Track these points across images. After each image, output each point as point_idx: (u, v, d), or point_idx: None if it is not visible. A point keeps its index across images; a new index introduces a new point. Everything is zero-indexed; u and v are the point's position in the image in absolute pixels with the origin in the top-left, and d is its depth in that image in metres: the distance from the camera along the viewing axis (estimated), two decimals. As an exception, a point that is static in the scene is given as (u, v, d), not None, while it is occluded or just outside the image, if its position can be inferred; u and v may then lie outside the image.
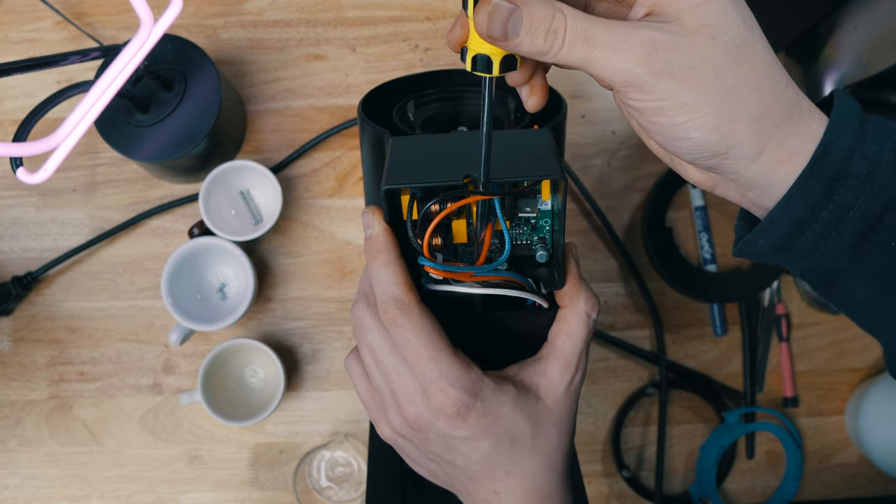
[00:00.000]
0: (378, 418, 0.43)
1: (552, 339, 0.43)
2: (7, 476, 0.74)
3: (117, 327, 0.75)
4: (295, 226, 0.77)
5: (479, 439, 0.40)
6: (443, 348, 0.39)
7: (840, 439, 0.78)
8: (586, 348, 0.43)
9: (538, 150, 0.40)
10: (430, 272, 0.39)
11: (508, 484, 0.41)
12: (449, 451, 0.41)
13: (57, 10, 0.77)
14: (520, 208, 0.40)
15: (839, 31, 0.73)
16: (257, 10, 0.78)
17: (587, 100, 0.79)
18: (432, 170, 0.39)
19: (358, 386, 0.44)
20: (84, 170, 0.76)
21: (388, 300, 0.40)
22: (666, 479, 0.77)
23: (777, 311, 0.78)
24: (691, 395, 0.78)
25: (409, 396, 0.40)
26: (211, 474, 0.75)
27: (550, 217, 0.41)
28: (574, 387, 0.42)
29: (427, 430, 0.41)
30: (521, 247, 0.42)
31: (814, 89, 0.75)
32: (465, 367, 0.39)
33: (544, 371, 0.42)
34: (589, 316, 0.42)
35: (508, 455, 0.41)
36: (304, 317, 0.76)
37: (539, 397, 0.42)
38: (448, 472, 0.43)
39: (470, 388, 0.39)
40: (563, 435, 0.42)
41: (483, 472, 0.41)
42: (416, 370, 0.39)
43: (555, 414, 0.42)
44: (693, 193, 0.78)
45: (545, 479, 0.42)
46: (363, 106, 0.47)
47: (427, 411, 0.40)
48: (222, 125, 0.70)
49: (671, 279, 0.76)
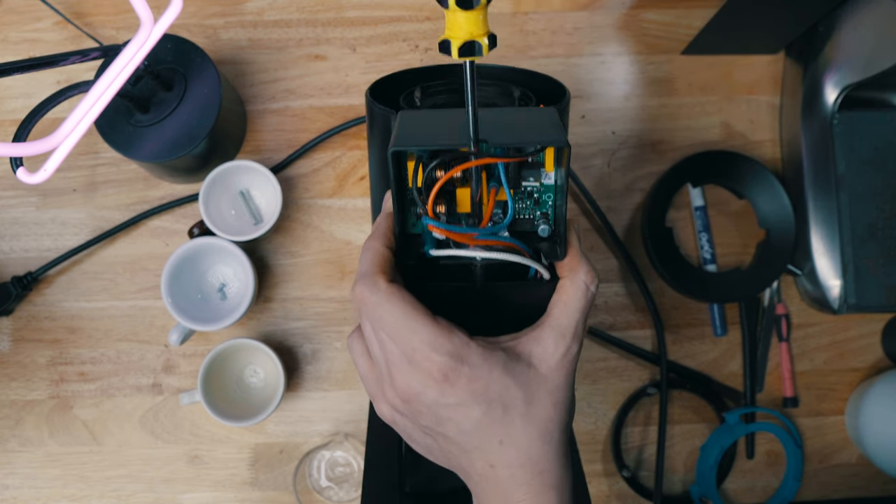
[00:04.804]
0: (376, 395, 0.43)
1: (549, 309, 0.42)
2: (7, 476, 0.74)
3: (117, 327, 0.75)
4: (295, 226, 0.77)
5: (470, 406, 0.40)
6: (419, 318, 0.39)
7: (840, 439, 0.78)
8: (584, 320, 0.42)
9: (544, 122, 0.41)
10: (434, 231, 0.40)
11: (503, 455, 0.41)
12: (440, 423, 0.41)
13: (57, 10, 0.77)
14: (523, 178, 0.41)
15: (839, 31, 0.73)
16: (257, 10, 0.78)
17: (587, 100, 0.79)
18: (439, 135, 0.40)
19: (359, 364, 0.44)
20: (84, 170, 0.76)
21: (358, 279, 0.41)
22: (666, 479, 0.77)
23: (777, 311, 0.78)
24: (691, 395, 0.78)
25: (398, 367, 0.40)
26: (211, 474, 0.75)
27: (553, 191, 0.41)
28: (570, 357, 0.42)
29: (418, 402, 0.40)
30: (523, 221, 0.42)
31: (814, 89, 0.75)
32: (448, 333, 0.39)
33: (538, 338, 0.41)
34: (588, 287, 0.42)
35: (501, 423, 0.40)
36: (304, 317, 0.76)
37: (531, 364, 0.41)
38: (444, 448, 0.42)
39: (454, 353, 0.39)
40: (558, 406, 0.41)
41: (476, 443, 0.41)
42: (399, 343, 0.40)
43: (549, 382, 0.41)
44: (693, 193, 0.78)
45: (541, 450, 0.41)
46: (371, 91, 0.48)
47: (414, 381, 0.40)
48: (222, 125, 0.70)
49: (671, 279, 0.76)
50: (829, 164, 0.74)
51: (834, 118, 0.74)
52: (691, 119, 0.80)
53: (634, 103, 0.80)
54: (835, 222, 0.74)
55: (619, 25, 0.80)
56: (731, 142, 0.80)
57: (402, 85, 0.51)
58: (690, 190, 0.79)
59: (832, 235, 0.74)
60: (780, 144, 0.80)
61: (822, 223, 0.74)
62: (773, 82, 0.80)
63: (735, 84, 0.80)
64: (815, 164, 0.75)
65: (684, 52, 0.80)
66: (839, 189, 0.74)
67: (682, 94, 0.80)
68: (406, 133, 0.40)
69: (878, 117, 0.75)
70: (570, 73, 0.79)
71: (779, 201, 0.77)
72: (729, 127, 0.80)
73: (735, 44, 0.78)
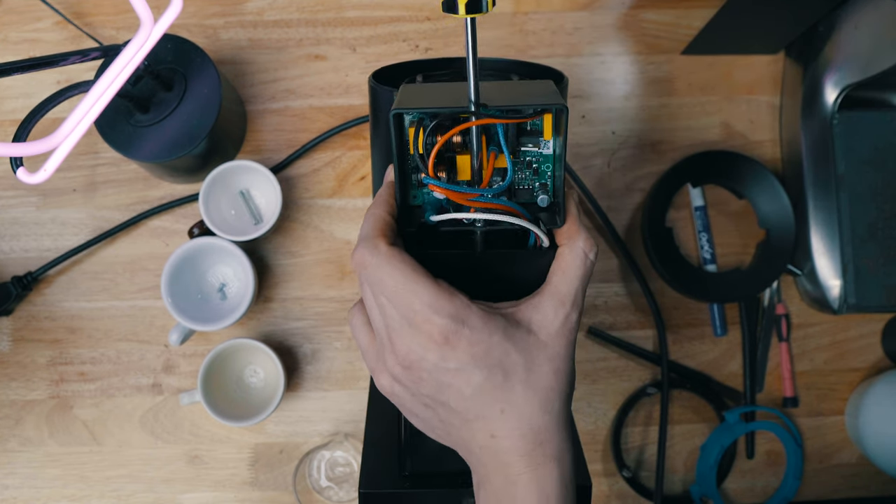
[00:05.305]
0: (376, 367, 0.43)
1: (548, 277, 0.42)
2: (7, 476, 0.74)
3: (117, 327, 0.75)
4: (295, 226, 0.77)
5: (471, 371, 0.39)
6: (420, 280, 0.39)
7: (840, 439, 0.78)
8: (583, 287, 0.42)
9: (543, 90, 0.41)
10: (435, 191, 0.40)
11: (504, 424, 0.40)
12: (441, 390, 0.41)
13: (57, 10, 0.77)
14: (522, 144, 0.41)
15: (839, 31, 0.73)
16: (257, 10, 0.78)
17: (587, 100, 0.79)
18: (440, 100, 0.40)
19: (359, 337, 0.44)
20: (84, 170, 0.76)
21: (359, 243, 0.41)
22: (666, 478, 0.77)
23: (777, 311, 0.78)
24: (692, 394, 0.78)
25: (399, 332, 0.40)
26: (211, 474, 0.75)
27: (552, 161, 0.42)
28: (570, 325, 0.42)
29: (418, 367, 0.40)
30: (523, 192, 0.43)
31: (814, 89, 0.75)
32: (449, 295, 0.39)
33: (537, 305, 0.41)
34: (587, 255, 0.42)
35: (502, 390, 0.40)
36: (304, 317, 0.76)
37: (531, 330, 0.41)
38: (444, 419, 0.42)
39: (455, 315, 0.39)
40: (559, 374, 0.41)
41: (478, 411, 0.40)
42: (399, 307, 0.39)
43: (549, 349, 0.41)
44: (693, 193, 0.78)
45: (541, 420, 0.40)
46: (374, 76, 0.49)
47: (415, 344, 0.40)
48: (222, 125, 0.70)
49: (671, 279, 0.76)
50: (829, 164, 0.74)
51: (834, 118, 0.74)
52: (691, 119, 0.80)
53: (634, 103, 0.80)
54: (835, 222, 0.74)
55: (619, 25, 0.80)
56: (731, 142, 0.80)
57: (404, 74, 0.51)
58: (690, 190, 0.79)
59: (832, 235, 0.74)
60: (780, 144, 0.80)
61: (822, 223, 0.74)
62: (773, 82, 0.80)
63: (735, 84, 0.80)
64: (815, 164, 0.75)
65: (684, 52, 0.80)
66: (839, 189, 0.74)
67: (682, 94, 0.80)
68: (407, 99, 0.40)
69: (878, 117, 0.75)
70: (570, 73, 0.79)
71: (779, 201, 0.77)
72: (729, 127, 0.80)
73: (735, 44, 0.78)
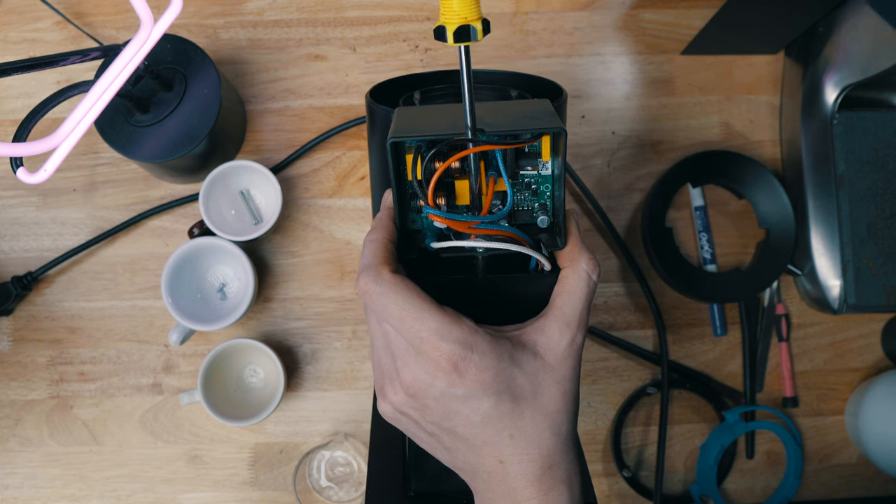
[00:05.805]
0: (380, 391, 0.43)
1: (552, 299, 0.42)
2: (7, 476, 0.74)
3: (117, 327, 0.75)
4: (295, 226, 0.77)
5: (479, 397, 0.39)
6: (425, 307, 0.39)
7: (840, 439, 0.78)
8: (587, 308, 0.42)
9: (540, 111, 0.41)
10: (435, 220, 0.40)
11: (514, 450, 0.40)
12: (448, 417, 0.40)
13: (57, 10, 0.77)
14: (521, 167, 0.41)
15: (839, 31, 0.73)
16: (257, 10, 0.78)
17: (587, 100, 0.79)
18: (436, 126, 0.40)
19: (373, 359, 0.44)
20: (84, 170, 0.76)
21: (361, 271, 0.40)
22: (666, 478, 0.77)
23: (777, 311, 0.78)
24: (691, 394, 0.78)
25: (405, 359, 0.40)
26: (211, 474, 0.75)
27: (551, 181, 0.41)
28: (575, 347, 0.41)
29: (424, 395, 0.40)
30: (522, 213, 0.42)
31: (814, 89, 0.75)
32: (456, 321, 0.39)
33: (542, 328, 0.41)
34: (590, 276, 0.42)
35: (511, 416, 0.39)
36: (304, 317, 0.76)
37: (537, 353, 0.40)
38: (449, 446, 0.42)
39: (463, 341, 0.38)
40: (566, 396, 0.41)
41: (486, 437, 0.40)
42: (406, 334, 0.39)
43: (556, 372, 0.41)
44: (693, 193, 0.78)
45: (551, 444, 0.40)
46: (371, 94, 0.49)
47: (422, 371, 0.39)
48: (222, 125, 0.70)
49: (671, 279, 0.76)
50: (829, 164, 0.74)
51: (834, 118, 0.74)
52: (691, 119, 0.80)
53: (634, 103, 0.80)
54: (835, 222, 0.74)
55: (618, 25, 0.80)
56: (730, 142, 0.80)
57: (401, 89, 0.51)
58: (690, 190, 0.79)
59: (832, 235, 0.74)
60: (780, 144, 0.80)
61: (822, 223, 0.74)
62: (773, 82, 0.81)
63: (735, 84, 0.80)
64: (815, 164, 0.75)
65: (684, 52, 0.80)
66: (839, 189, 0.74)
67: (682, 94, 0.80)
68: (404, 125, 0.40)
69: (878, 117, 0.75)
70: (570, 73, 0.79)
71: (779, 201, 0.77)
72: (729, 127, 0.80)
73: (735, 44, 0.78)
